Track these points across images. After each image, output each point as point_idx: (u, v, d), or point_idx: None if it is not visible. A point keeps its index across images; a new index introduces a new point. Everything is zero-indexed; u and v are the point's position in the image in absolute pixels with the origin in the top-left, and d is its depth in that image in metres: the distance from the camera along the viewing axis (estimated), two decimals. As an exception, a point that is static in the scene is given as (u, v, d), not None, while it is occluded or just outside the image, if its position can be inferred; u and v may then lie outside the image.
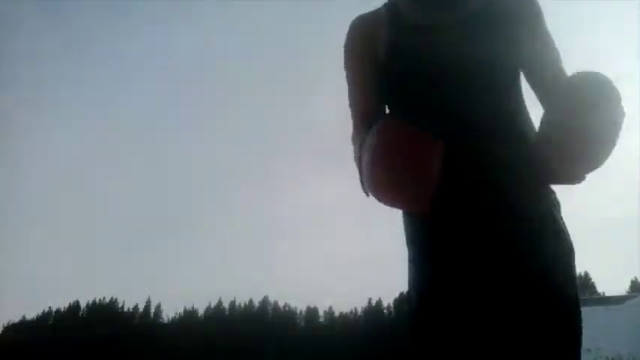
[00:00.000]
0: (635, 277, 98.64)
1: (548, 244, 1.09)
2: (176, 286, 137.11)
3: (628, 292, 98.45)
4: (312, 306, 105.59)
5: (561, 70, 1.34)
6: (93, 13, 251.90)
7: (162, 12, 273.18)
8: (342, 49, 1.38)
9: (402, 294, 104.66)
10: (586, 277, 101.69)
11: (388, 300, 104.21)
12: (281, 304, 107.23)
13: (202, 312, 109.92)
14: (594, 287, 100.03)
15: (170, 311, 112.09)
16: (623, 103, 1.20)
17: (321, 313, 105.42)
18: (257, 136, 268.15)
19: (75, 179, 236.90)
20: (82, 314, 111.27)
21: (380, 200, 1.14)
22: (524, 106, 1.22)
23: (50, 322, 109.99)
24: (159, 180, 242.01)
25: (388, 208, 1.03)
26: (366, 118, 1.30)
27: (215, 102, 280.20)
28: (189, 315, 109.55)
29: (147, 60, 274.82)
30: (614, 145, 1.24)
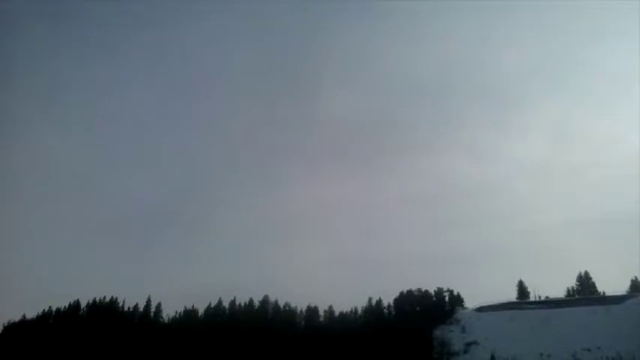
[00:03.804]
0: (635, 277, 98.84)
1: None
2: (176, 286, 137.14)
3: (628, 291, 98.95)
4: (312, 305, 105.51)
5: None
6: (93, 11, 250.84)
7: (166, 11, 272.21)
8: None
9: (401, 293, 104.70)
10: (586, 277, 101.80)
11: (388, 299, 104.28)
12: (281, 303, 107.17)
13: (202, 312, 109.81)
14: (594, 287, 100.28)
15: (170, 311, 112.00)
16: None
17: (321, 312, 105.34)
18: (257, 137, 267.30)
19: (75, 179, 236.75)
20: (83, 314, 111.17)
21: None
22: None
23: (50, 322, 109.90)
24: (160, 180, 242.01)
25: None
26: None
27: (217, 101, 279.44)
28: (189, 315, 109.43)
29: (149, 57, 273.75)
30: None
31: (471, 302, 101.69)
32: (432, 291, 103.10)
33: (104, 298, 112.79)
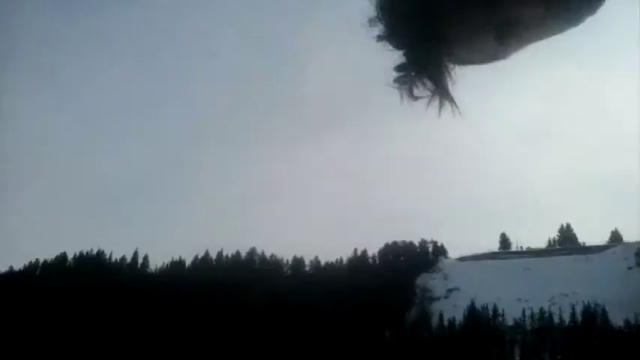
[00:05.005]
0: (616, 228, 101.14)
1: None
2: (164, 239, 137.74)
3: (608, 242, 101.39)
4: (298, 256, 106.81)
5: None
6: (89, 5, 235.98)
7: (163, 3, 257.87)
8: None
9: (386, 244, 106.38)
10: (568, 229, 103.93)
11: (373, 250, 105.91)
12: (268, 255, 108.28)
13: (189, 262, 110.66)
14: (575, 238, 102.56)
15: (158, 263, 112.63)
16: None
17: (307, 262, 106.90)
18: (246, 99, 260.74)
19: (64, 136, 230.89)
20: (69, 265, 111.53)
21: None
22: None
23: (37, 273, 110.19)
24: (149, 135, 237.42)
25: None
26: None
27: (203, 64, 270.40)
28: (177, 265, 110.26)
29: (141, 37, 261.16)
30: None
31: (456, 254, 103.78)
32: (416, 243, 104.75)
33: (91, 250, 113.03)
